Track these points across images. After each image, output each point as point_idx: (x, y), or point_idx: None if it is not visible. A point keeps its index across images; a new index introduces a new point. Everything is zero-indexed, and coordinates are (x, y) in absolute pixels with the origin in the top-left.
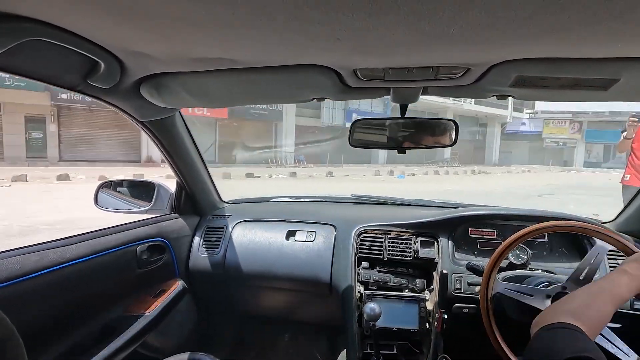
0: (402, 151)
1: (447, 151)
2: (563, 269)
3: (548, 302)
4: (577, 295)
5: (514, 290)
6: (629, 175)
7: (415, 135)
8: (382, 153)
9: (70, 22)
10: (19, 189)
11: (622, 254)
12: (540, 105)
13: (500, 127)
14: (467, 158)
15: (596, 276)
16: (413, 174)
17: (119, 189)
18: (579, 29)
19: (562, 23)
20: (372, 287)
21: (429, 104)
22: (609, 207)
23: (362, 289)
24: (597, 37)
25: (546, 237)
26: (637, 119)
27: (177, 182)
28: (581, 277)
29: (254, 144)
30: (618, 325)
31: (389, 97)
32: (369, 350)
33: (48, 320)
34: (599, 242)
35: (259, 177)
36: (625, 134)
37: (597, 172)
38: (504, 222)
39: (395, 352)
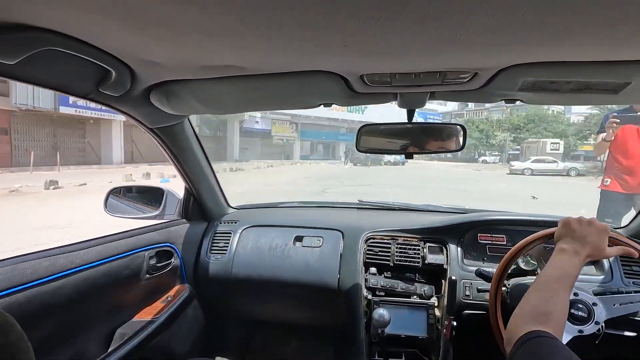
0: (409, 156)
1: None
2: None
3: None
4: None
5: None
6: (609, 180)
7: (422, 140)
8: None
9: (83, 32)
10: None
11: (637, 260)
12: None
13: (239, 124)
14: (209, 154)
15: (609, 282)
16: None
17: (128, 194)
18: (588, 33)
19: (571, 27)
20: (380, 293)
21: None
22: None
23: (369, 295)
24: (607, 41)
25: None
26: (618, 120)
27: (185, 188)
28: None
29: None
30: (634, 334)
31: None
32: (376, 358)
33: (58, 325)
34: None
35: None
36: (603, 135)
37: (307, 162)
38: (514, 228)
39: (403, 359)
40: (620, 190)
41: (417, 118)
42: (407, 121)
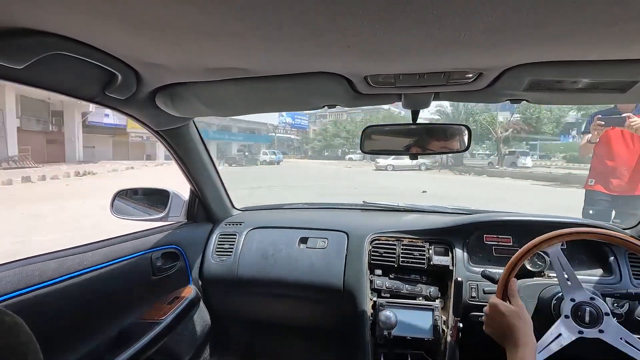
0: (414, 157)
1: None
2: (583, 277)
3: (568, 312)
4: None
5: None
6: (593, 180)
7: (426, 141)
8: None
9: (89, 36)
10: None
11: None
12: None
13: (82, 117)
14: (39, 155)
15: (618, 283)
16: None
17: (134, 197)
18: (594, 31)
19: (576, 25)
20: (385, 295)
21: None
22: None
23: (375, 296)
24: (613, 39)
25: (564, 244)
26: (603, 122)
27: (190, 190)
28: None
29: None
30: None
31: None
32: None
33: (66, 326)
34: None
35: None
36: (589, 137)
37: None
38: (520, 229)
39: None
40: (604, 191)
41: (287, 118)
42: (411, 122)
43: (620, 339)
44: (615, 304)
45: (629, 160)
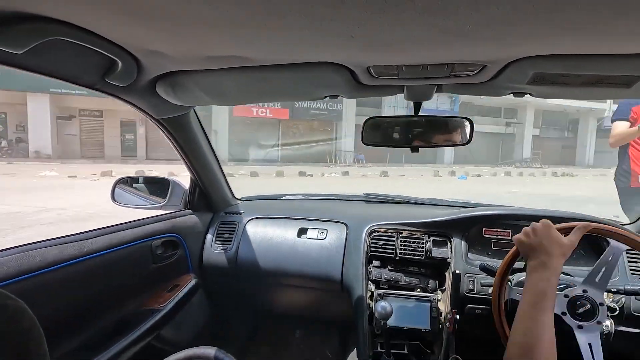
0: (415, 149)
1: (527, 150)
2: (580, 271)
3: (565, 304)
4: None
5: None
6: None
7: (429, 134)
8: (449, 152)
9: (89, 22)
10: (105, 182)
11: None
12: None
13: (597, 122)
14: (553, 158)
15: (615, 279)
16: (479, 175)
17: (135, 185)
18: (601, 24)
19: (583, 18)
20: (384, 286)
21: (504, 100)
22: None
23: (373, 287)
24: (620, 33)
25: None
26: None
27: (190, 179)
28: (597, 279)
29: (313, 144)
30: (639, 331)
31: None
32: (379, 349)
33: (66, 312)
34: (613, 242)
35: (311, 175)
36: (623, 124)
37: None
38: (519, 223)
39: (406, 351)
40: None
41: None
42: (413, 114)
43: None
44: (611, 299)
45: None
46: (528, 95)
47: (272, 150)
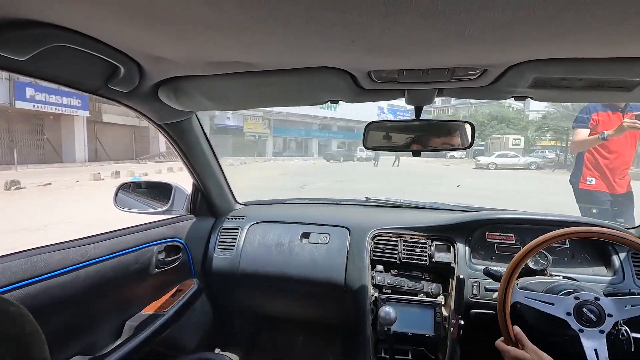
0: (416, 154)
1: None
2: (585, 276)
3: (572, 306)
4: None
5: (534, 299)
6: (593, 179)
7: (430, 138)
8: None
9: (92, 29)
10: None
11: None
12: None
13: (210, 120)
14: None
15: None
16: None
17: (137, 190)
18: (602, 28)
19: (583, 22)
20: (387, 291)
21: None
22: None
23: (376, 292)
24: (621, 36)
25: (567, 243)
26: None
27: (193, 183)
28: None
29: None
30: None
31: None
32: (383, 355)
33: (69, 317)
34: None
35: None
36: (582, 131)
37: (280, 159)
38: (523, 227)
39: (410, 357)
40: (606, 190)
41: (388, 115)
42: (414, 118)
43: (625, 307)
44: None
45: (628, 158)
46: (529, 98)
47: None
